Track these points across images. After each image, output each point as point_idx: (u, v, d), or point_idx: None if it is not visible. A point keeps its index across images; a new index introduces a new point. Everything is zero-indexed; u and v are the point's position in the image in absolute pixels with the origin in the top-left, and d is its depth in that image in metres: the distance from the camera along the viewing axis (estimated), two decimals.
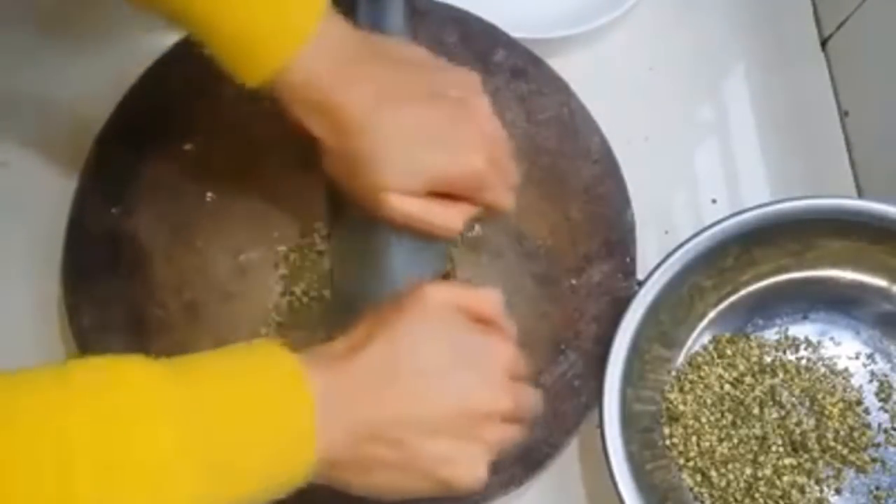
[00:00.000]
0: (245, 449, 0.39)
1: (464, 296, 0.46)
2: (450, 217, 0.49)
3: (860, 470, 0.59)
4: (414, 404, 0.43)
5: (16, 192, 0.63)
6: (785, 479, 0.58)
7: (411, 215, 0.48)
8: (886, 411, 0.61)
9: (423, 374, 0.43)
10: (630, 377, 0.57)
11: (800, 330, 0.62)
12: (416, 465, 0.43)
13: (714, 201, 0.68)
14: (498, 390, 0.45)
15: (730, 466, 0.58)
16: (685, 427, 0.59)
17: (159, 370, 0.38)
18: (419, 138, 0.48)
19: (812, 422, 0.60)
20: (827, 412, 0.60)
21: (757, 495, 0.58)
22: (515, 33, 0.64)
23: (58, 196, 0.59)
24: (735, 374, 0.61)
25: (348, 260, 0.57)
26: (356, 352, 0.43)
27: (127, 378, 0.37)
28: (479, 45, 0.64)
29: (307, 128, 0.48)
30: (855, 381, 0.61)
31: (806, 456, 0.59)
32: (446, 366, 0.44)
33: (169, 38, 0.61)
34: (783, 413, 0.60)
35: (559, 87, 0.64)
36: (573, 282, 0.61)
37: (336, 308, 0.59)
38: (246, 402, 0.39)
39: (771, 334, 0.62)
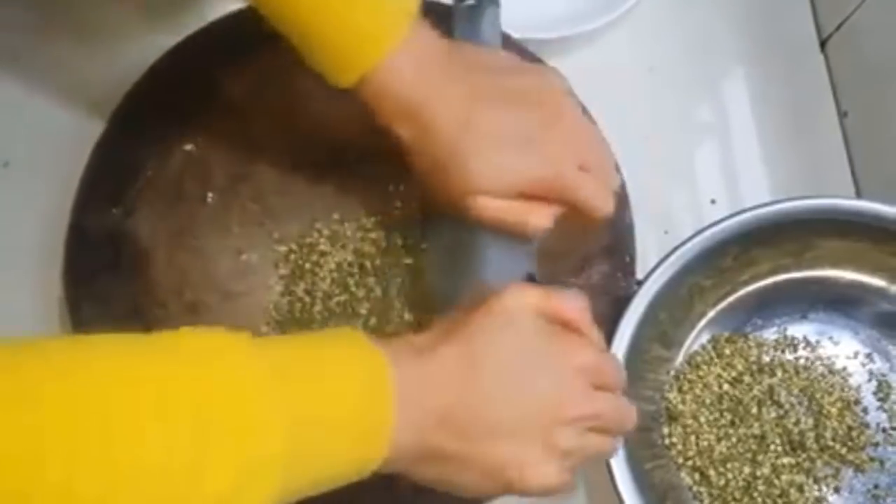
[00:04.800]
0: (328, 431, 0.38)
1: (546, 299, 0.46)
2: (536, 217, 0.49)
3: (858, 469, 0.59)
4: (485, 403, 0.43)
5: (16, 192, 0.63)
6: (783, 478, 0.58)
7: (498, 216, 0.49)
8: (885, 411, 0.61)
9: (496, 374, 0.43)
10: (629, 377, 0.56)
11: (798, 329, 0.63)
12: (479, 462, 0.43)
13: (713, 201, 0.68)
14: (571, 396, 0.45)
15: (728, 465, 0.59)
16: (684, 426, 0.59)
17: (256, 351, 0.38)
18: (507, 141, 0.48)
19: (810, 421, 0.60)
20: (825, 411, 0.60)
21: (755, 494, 0.58)
22: (515, 33, 0.64)
23: (58, 196, 0.59)
24: (734, 373, 0.61)
25: (440, 260, 0.57)
26: (434, 348, 0.43)
27: (230, 352, 0.37)
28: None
29: (394, 129, 0.49)
30: (853, 381, 0.61)
31: (804, 455, 0.59)
32: (521, 368, 0.44)
33: (169, 39, 0.61)
34: (782, 412, 0.60)
35: None
36: (572, 282, 0.61)
37: (429, 307, 0.59)
38: (330, 388, 0.39)
39: (770, 334, 0.62)
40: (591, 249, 0.61)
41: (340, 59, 0.47)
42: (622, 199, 0.62)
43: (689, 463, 0.59)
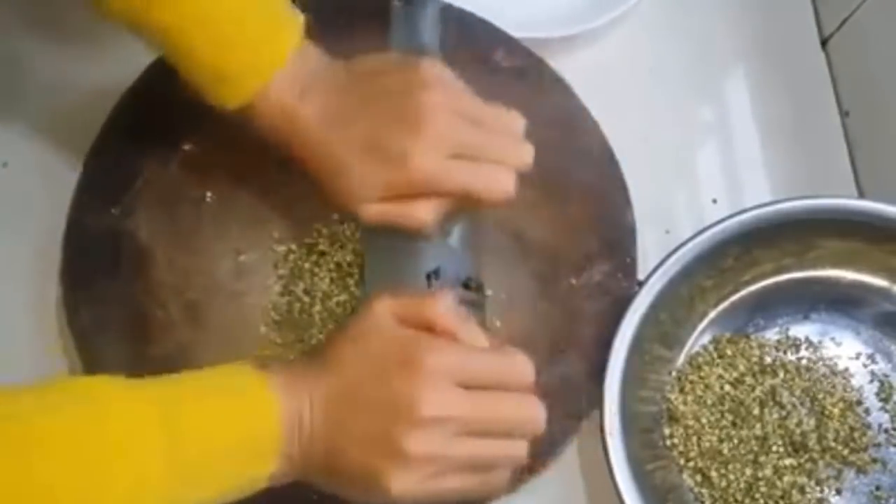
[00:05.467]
0: (215, 450, 0.41)
1: (403, 305, 0.46)
2: (417, 212, 0.49)
3: (860, 470, 0.59)
4: (342, 414, 0.44)
5: (16, 192, 0.63)
6: (785, 479, 0.58)
7: (382, 219, 0.49)
8: (887, 411, 0.61)
9: (349, 384, 0.44)
10: (630, 377, 0.57)
11: (800, 330, 0.62)
12: (345, 473, 0.44)
13: (714, 201, 0.68)
14: (427, 398, 0.43)
15: (730, 467, 0.58)
16: (685, 427, 0.59)
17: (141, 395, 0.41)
18: (365, 150, 0.49)
19: (812, 422, 0.60)
20: (827, 412, 0.60)
21: (757, 496, 0.58)
22: (515, 33, 0.64)
23: (58, 196, 0.59)
24: (735, 374, 0.61)
25: (374, 260, 0.57)
26: (306, 363, 0.46)
27: (103, 393, 0.40)
28: (479, 45, 0.63)
29: (284, 147, 0.51)
30: (855, 382, 0.61)
31: (806, 456, 0.59)
32: (372, 375, 0.44)
33: None
34: (784, 413, 0.60)
35: (559, 87, 0.64)
36: (573, 282, 0.61)
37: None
38: (209, 398, 0.42)
39: (771, 334, 0.62)
40: (591, 249, 0.61)
41: (224, 88, 0.50)
42: (623, 198, 0.62)
43: (691, 464, 0.59)
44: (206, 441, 0.41)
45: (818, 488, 0.59)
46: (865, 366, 0.62)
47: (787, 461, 0.59)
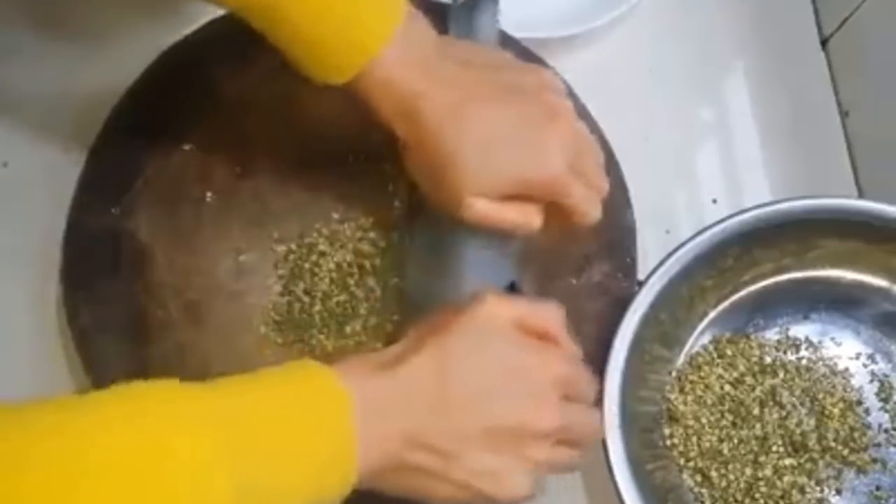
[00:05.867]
0: (284, 468, 0.38)
1: (522, 310, 0.46)
2: (526, 218, 0.49)
3: (860, 470, 0.59)
4: (457, 415, 0.43)
5: (16, 192, 0.63)
6: (785, 479, 0.58)
7: (489, 217, 0.48)
8: (887, 411, 0.61)
9: (467, 386, 0.43)
10: (630, 377, 0.56)
11: (800, 330, 0.62)
12: (454, 476, 0.43)
13: (714, 201, 0.68)
14: (546, 409, 0.44)
15: (730, 467, 0.58)
16: (685, 427, 0.59)
17: (194, 389, 0.38)
18: (498, 140, 0.47)
19: (812, 422, 0.60)
20: (827, 412, 0.60)
21: (757, 496, 0.58)
22: (515, 33, 0.64)
23: (58, 196, 0.59)
24: (735, 374, 0.61)
25: (424, 260, 0.57)
26: (402, 360, 0.43)
27: (163, 396, 0.37)
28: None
29: (390, 127, 0.48)
30: (855, 382, 0.61)
31: (806, 456, 0.59)
32: (492, 380, 0.44)
33: (169, 38, 0.61)
34: (783, 413, 0.60)
35: None
36: (573, 282, 0.61)
37: (408, 308, 0.59)
38: (281, 420, 0.39)
39: (771, 334, 0.62)
40: (591, 249, 0.61)
41: (332, 58, 0.46)
42: (623, 198, 0.62)
43: (691, 464, 0.59)
44: (276, 475, 0.38)
45: (818, 488, 0.59)
46: (865, 366, 0.62)
47: (787, 461, 0.59)
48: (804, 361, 0.61)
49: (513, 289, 0.55)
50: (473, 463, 0.43)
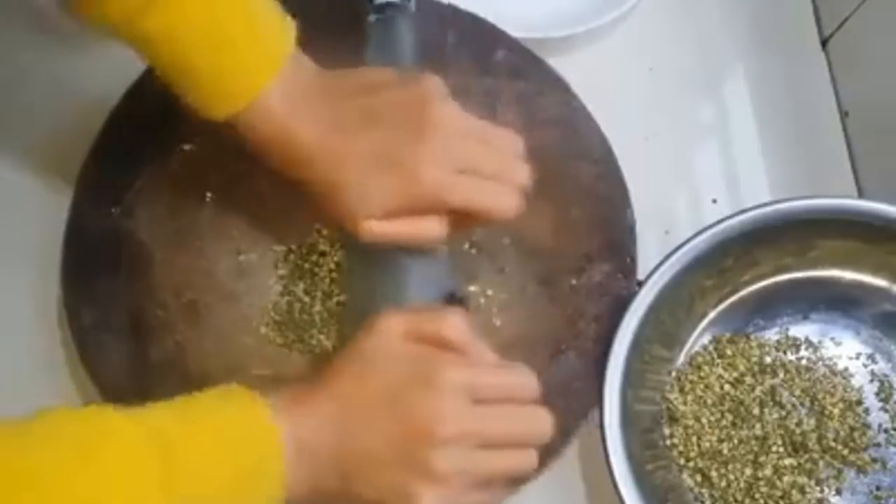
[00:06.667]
0: (215, 485, 0.40)
1: (414, 322, 0.46)
2: (424, 230, 0.49)
3: (860, 470, 0.59)
4: (359, 439, 0.43)
5: (15, 193, 0.63)
6: (785, 479, 0.58)
7: (386, 234, 0.48)
8: (887, 411, 0.61)
9: (365, 408, 0.44)
10: (630, 377, 0.57)
11: (800, 330, 0.62)
12: (363, 498, 0.44)
13: (714, 201, 0.68)
14: (446, 415, 0.43)
15: (730, 467, 0.58)
16: (685, 427, 0.59)
17: (142, 439, 0.39)
18: (368, 164, 0.48)
19: (812, 422, 0.60)
20: (827, 412, 0.60)
21: (757, 496, 0.58)
22: (515, 33, 0.64)
23: (58, 196, 0.59)
24: (735, 374, 0.61)
25: (358, 274, 0.57)
26: (312, 392, 0.44)
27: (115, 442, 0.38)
28: (479, 45, 0.63)
29: (267, 161, 0.50)
30: (855, 382, 0.61)
31: (806, 456, 0.59)
32: (388, 396, 0.44)
33: None
34: (783, 413, 0.60)
35: (559, 87, 0.64)
36: (573, 282, 0.61)
37: (349, 320, 0.59)
38: (212, 441, 0.41)
39: (771, 334, 0.62)
40: (591, 249, 0.61)
41: (214, 97, 0.48)
42: (623, 198, 0.62)
43: (691, 464, 0.59)
44: (204, 476, 0.40)
45: (818, 488, 0.59)
46: (865, 366, 0.62)
47: (787, 461, 0.59)
48: (804, 361, 0.61)
49: (452, 298, 0.54)
50: (378, 484, 0.43)
